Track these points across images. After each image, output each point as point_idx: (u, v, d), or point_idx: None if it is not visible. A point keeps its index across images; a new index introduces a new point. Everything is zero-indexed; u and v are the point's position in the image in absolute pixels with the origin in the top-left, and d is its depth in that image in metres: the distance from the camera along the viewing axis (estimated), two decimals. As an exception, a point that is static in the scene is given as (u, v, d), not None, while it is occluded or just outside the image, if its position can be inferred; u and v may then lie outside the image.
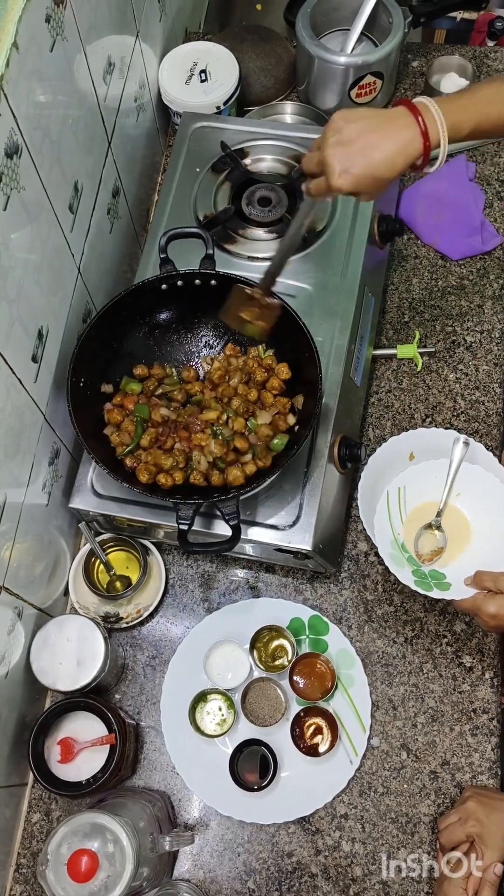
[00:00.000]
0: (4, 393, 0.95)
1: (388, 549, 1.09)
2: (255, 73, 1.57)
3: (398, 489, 1.13)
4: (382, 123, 0.86)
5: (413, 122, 0.85)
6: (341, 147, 0.86)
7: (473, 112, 0.88)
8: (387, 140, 0.85)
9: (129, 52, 1.31)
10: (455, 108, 0.87)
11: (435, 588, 1.06)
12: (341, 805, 1.14)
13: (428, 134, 0.85)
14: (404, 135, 0.85)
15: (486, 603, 0.99)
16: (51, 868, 0.91)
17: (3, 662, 1.03)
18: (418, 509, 1.13)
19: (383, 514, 1.11)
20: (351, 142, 0.85)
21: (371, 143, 0.85)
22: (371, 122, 0.86)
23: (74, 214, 1.13)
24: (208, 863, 1.13)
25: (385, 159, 0.85)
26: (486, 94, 0.89)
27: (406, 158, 0.86)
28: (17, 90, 0.88)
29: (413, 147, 0.85)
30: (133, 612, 1.24)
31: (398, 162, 0.85)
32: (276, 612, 1.22)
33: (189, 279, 1.17)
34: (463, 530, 1.12)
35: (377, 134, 0.85)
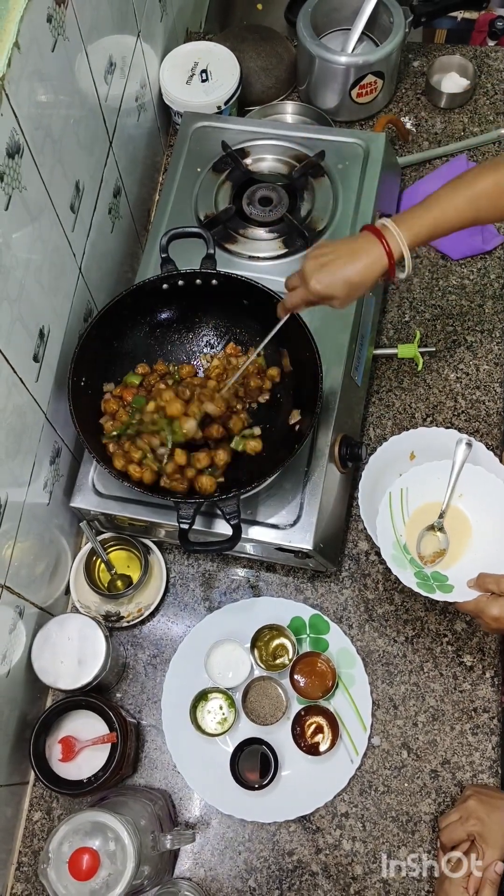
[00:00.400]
0: (6, 392, 0.95)
1: (390, 550, 1.09)
2: (256, 72, 1.57)
3: (400, 490, 1.13)
4: (353, 242, 1.00)
5: (377, 242, 0.98)
6: (318, 258, 0.99)
7: (429, 219, 1.00)
8: (359, 254, 0.98)
9: (130, 52, 1.31)
10: (412, 221, 0.99)
11: (437, 590, 1.06)
12: (342, 804, 1.14)
13: (391, 251, 0.98)
14: (373, 252, 0.98)
15: (490, 605, 0.99)
16: (52, 866, 0.91)
17: (4, 661, 1.04)
18: (421, 510, 1.13)
19: (385, 515, 1.11)
20: (326, 254, 0.99)
21: (344, 255, 0.99)
22: (344, 247, 1.00)
23: (76, 214, 1.13)
24: (209, 861, 1.13)
25: (356, 271, 0.98)
26: (440, 197, 1.01)
27: (374, 272, 0.98)
28: (19, 90, 0.88)
29: (380, 263, 0.98)
30: (134, 611, 1.24)
31: (368, 275, 0.98)
32: (277, 611, 1.22)
33: (190, 279, 1.17)
34: (465, 531, 1.12)
35: (349, 248, 0.99)
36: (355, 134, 1.38)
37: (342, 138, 1.38)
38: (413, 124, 1.60)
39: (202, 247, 1.18)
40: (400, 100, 1.62)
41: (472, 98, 1.60)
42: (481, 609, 1.00)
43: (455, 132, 1.58)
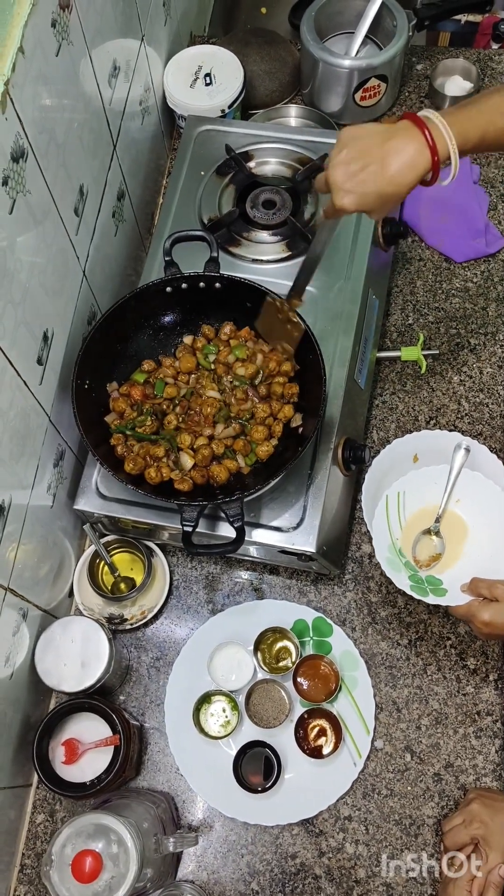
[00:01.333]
0: (10, 395, 0.95)
1: (385, 553, 1.09)
2: (260, 76, 1.57)
3: (398, 494, 1.13)
4: (388, 138, 0.84)
5: (419, 134, 0.83)
6: (345, 165, 0.84)
7: (480, 121, 0.86)
8: (393, 156, 0.83)
9: (134, 56, 1.32)
10: (460, 119, 0.85)
11: (431, 594, 1.06)
12: (345, 807, 1.14)
13: (436, 146, 0.83)
14: (411, 149, 0.83)
15: (481, 610, 0.99)
16: (55, 869, 0.91)
17: (8, 663, 1.04)
18: (417, 514, 1.14)
19: (382, 519, 1.11)
20: (355, 159, 0.84)
21: (376, 159, 0.83)
22: (376, 137, 0.85)
23: (80, 218, 1.13)
24: (212, 864, 1.13)
25: (391, 176, 0.83)
26: (491, 102, 0.87)
27: (415, 173, 0.84)
28: (24, 94, 0.88)
29: (421, 160, 0.83)
30: (137, 614, 1.24)
31: (407, 177, 0.83)
32: (280, 614, 1.22)
33: (194, 282, 1.17)
34: (461, 537, 1.12)
35: (382, 149, 0.83)
36: (359, 137, 1.38)
37: (346, 141, 1.38)
38: (416, 127, 1.59)
39: (206, 250, 1.19)
40: (403, 103, 1.62)
41: (475, 101, 1.60)
42: (473, 613, 1.00)
43: (458, 135, 1.58)
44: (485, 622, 0.99)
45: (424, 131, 0.83)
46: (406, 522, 1.13)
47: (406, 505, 1.13)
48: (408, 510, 1.13)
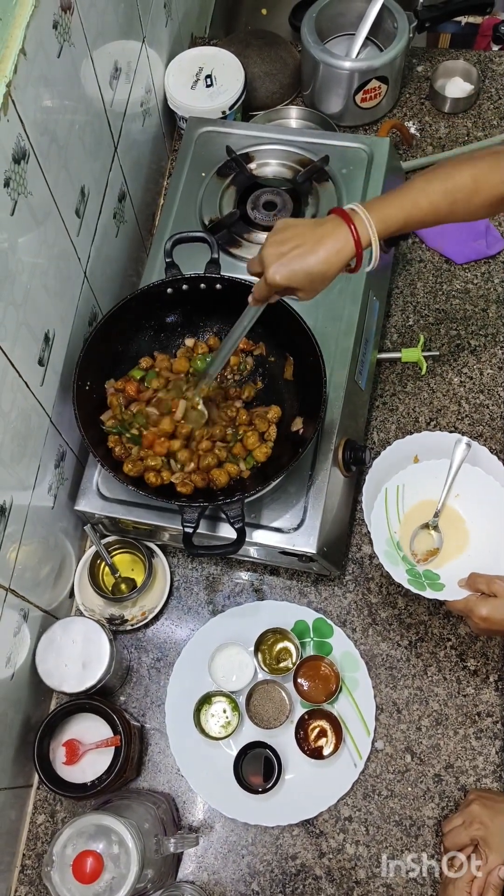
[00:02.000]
0: (11, 397, 0.95)
1: (383, 546, 1.08)
2: (261, 77, 1.58)
3: (397, 487, 1.13)
4: (318, 226, 0.92)
5: (345, 227, 0.91)
6: (278, 245, 0.92)
7: (404, 206, 0.93)
8: (321, 241, 0.91)
9: (135, 58, 1.32)
10: (384, 207, 0.93)
11: (428, 588, 1.06)
12: (345, 808, 1.14)
13: (359, 236, 0.91)
14: (337, 238, 0.91)
15: (479, 605, 0.99)
16: (56, 869, 0.92)
17: (9, 664, 1.04)
18: (416, 508, 1.14)
19: (381, 512, 1.11)
20: (287, 241, 0.91)
21: (307, 242, 0.91)
22: (308, 226, 0.93)
23: (81, 219, 1.13)
24: (212, 865, 1.13)
25: (319, 258, 0.90)
26: (415, 187, 0.95)
27: (341, 257, 0.91)
28: (25, 96, 0.88)
29: (346, 251, 0.91)
30: (138, 615, 1.24)
31: (333, 260, 0.91)
32: (281, 615, 1.22)
33: (194, 283, 1.17)
34: (460, 532, 1.12)
35: (313, 234, 0.92)
36: (359, 139, 1.39)
37: (346, 143, 1.38)
38: (417, 129, 1.60)
39: (206, 251, 1.19)
40: (404, 104, 1.62)
41: (475, 103, 1.61)
42: (470, 608, 1.00)
43: (459, 137, 1.58)
44: (482, 617, 0.99)
45: (350, 225, 0.91)
46: (404, 516, 1.13)
47: (405, 498, 1.13)
48: (406, 504, 1.13)
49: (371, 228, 0.91)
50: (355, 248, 0.91)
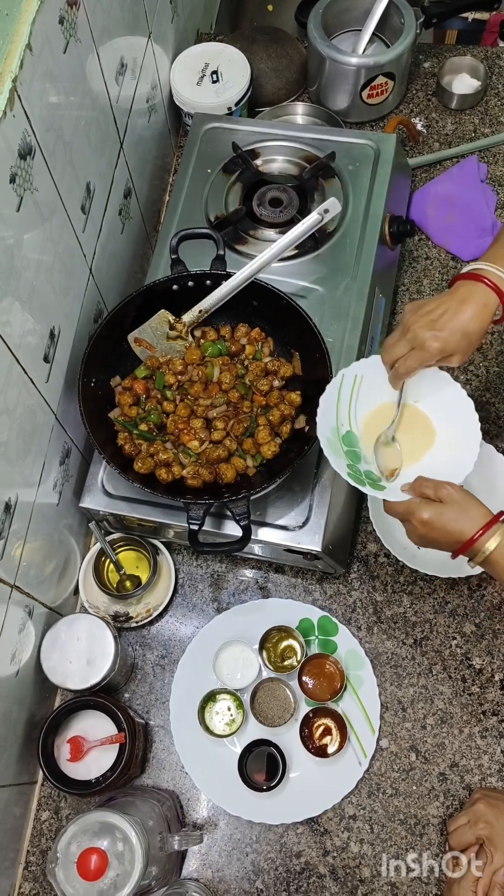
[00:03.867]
0: (17, 393, 0.95)
1: (326, 432, 1.01)
2: (267, 73, 1.57)
3: (355, 377, 1.05)
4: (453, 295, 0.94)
5: (479, 284, 0.93)
6: (424, 317, 0.93)
7: None
8: (465, 304, 0.93)
9: (141, 53, 1.32)
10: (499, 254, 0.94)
11: (368, 485, 0.99)
12: (350, 806, 1.14)
13: (499, 289, 0.92)
14: (479, 295, 0.93)
15: (421, 508, 0.94)
16: (60, 866, 0.92)
17: (14, 661, 1.04)
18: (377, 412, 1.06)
19: (332, 397, 1.03)
20: (434, 315, 0.93)
21: (454, 311, 0.93)
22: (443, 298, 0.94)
23: (86, 215, 1.13)
24: (216, 862, 1.13)
25: (471, 317, 0.92)
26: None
27: (489, 312, 0.93)
28: (31, 91, 0.88)
29: (491, 302, 0.92)
30: (143, 612, 1.24)
31: (484, 317, 0.92)
32: (286, 613, 1.22)
33: (200, 280, 1.17)
34: (426, 435, 1.05)
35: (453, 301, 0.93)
36: (366, 135, 1.38)
37: (353, 139, 1.37)
38: (424, 125, 1.59)
39: (212, 248, 1.18)
40: (410, 101, 1.62)
41: (483, 99, 1.60)
42: (412, 511, 0.95)
43: (466, 133, 1.58)
44: (423, 521, 0.93)
45: (484, 281, 0.92)
46: (365, 420, 1.05)
47: (361, 393, 1.05)
48: (362, 400, 1.05)
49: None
50: (499, 300, 0.93)
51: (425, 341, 0.92)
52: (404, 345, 0.95)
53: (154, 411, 1.14)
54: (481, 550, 0.91)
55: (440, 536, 0.94)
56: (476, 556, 0.92)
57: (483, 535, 0.91)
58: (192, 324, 1.16)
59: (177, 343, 1.17)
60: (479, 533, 0.91)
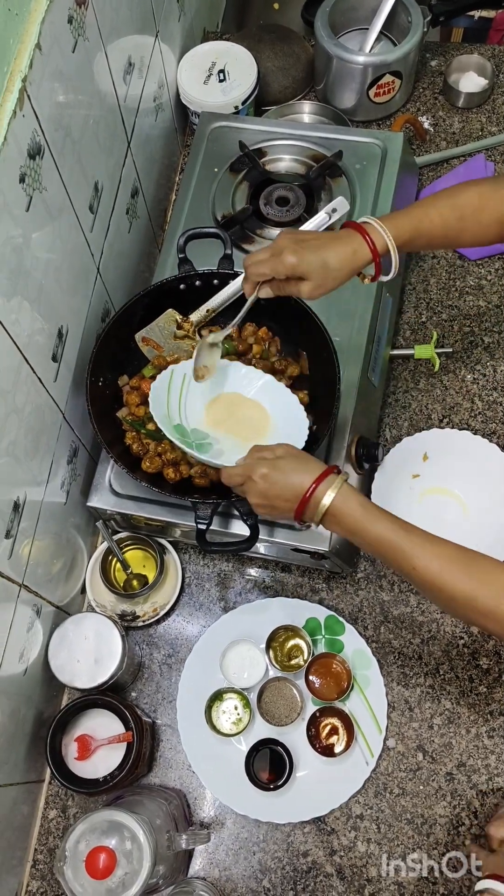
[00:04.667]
0: (25, 392, 0.95)
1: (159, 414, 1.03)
2: (274, 72, 1.57)
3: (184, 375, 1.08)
4: (334, 236, 0.96)
5: (357, 235, 0.94)
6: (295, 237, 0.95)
7: (412, 220, 0.96)
8: (338, 242, 0.94)
9: (148, 52, 1.32)
10: (394, 218, 0.96)
11: (196, 448, 1.01)
12: (357, 805, 1.14)
13: (375, 246, 0.94)
14: (353, 242, 0.94)
15: (260, 463, 0.91)
16: (69, 865, 0.92)
17: (22, 660, 1.04)
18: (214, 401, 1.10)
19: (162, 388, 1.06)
20: (305, 238, 0.94)
21: (324, 242, 0.94)
22: (324, 235, 0.97)
23: (94, 214, 1.13)
24: (223, 861, 1.13)
25: (336, 255, 0.93)
26: (423, 203, 0.98)
27: (356, 260, 0.94)
28: (40, 91, 0.88)
29: (362, 252, 0.94)
30: (149, 611, 1.24)
31: (347, 263, 0.93)
32: (292, 612, 1.22)
33: (207, 279, 1.17)
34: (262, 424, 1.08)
35: (328, 238, 0.96)
36: (373, 134, 1.38)
37: (360, 138, 1.37)
38: (431, 124, 1.59)
39: (218, 247, 1.18)
40: (417, 99, 1.61)
41: (490, 97, 1.60)
42: (251, 467, 0.92)
43: (473, 132, 1.57)
44: (263, 474, 0.90)
45: (365, 236, 0.94)
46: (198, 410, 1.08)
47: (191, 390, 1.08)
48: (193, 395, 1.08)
49: (387, 235, 0.94)
50: (372, 256, 0.94)
51: (283, 251, 0.92)
52: (266, 253, 0.95)
53: None
54: (320, 504, 0.88)
55: (281, 490, 0.90)
56: (317, 512, 0.89)
57: (320, 484, 0.88)
58: (199, 323, 1.16)
59: (184, 342, 1.17)
60: (314, 484, 0.88)
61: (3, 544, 0.95)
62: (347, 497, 0.88)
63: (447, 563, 0.84)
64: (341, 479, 0.89)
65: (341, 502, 0.88)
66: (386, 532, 0.86)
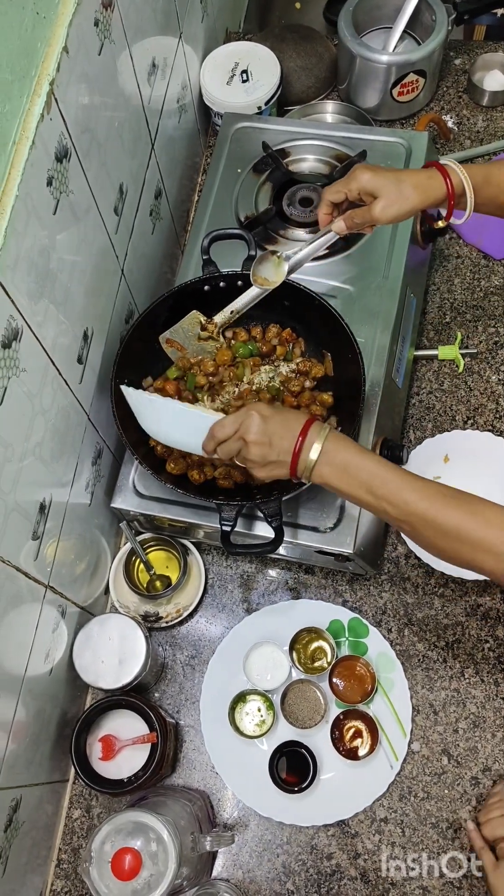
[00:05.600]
0: (51, 394, 0.96)
1: None
2: (296, 72, 1.56)
3: None
4: (412, 170, 0.99)
5: (437, 174, 0.96)
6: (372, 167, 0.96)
7: (484, 167, 0.99)
8: (416, 175, 0.97)
9: (172, 54, 1.32)
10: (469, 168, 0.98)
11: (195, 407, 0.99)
12: (381, 809, 1.13)
13: (453, 186, 0.95)
14: (429, 172, 0.97)
15: (257, 405, 0.91)
16: (94, 865, 0.92)
17: (47, 660, 1.05)
18: None
19: None
20: (383, 168, 0.97)
21: (400, 171, 0.97)
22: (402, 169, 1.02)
23: (119, 216, 1.13)
24: (247, 863, 1.13)
25: (412, 182, 0.95)
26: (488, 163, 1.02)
27: (432, 186, 0.95)
28: (67, 94, 0.88)
29: (437, 183, 0.95)
30: (173, 612, 1.24)
31: (424, 186, 0.95)
32: (316, 614, 1.22)
33: (232, 280, 1.17)
34: None
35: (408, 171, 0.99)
36: (397, 133, 1.37)
37: (383, 137, 1.36)
38: (455, 123, 1.58)
39: (241, 248, 1.18)
40: (441, 98, 1.60)
41: (514, 96, 1.58)
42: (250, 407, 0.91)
43: (497, 130, 1.56)
44: (261, 410, 0.90)
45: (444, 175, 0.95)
46: None
47: None
48: None
49: (462, 172, 0.95)
50: (448, 196, 0.95)
51: (357, 169, 0.94)
52: (342, 180, 0.98)
53: None
54: (319, 434, 0.89)
55: (279, 425, 0.89)
56: (313, 448, 0.88)
57: (314, 423, 0.90)
58: (223, 324, 1.16)
59: (208, 344, 1.17)
60: (310, 420, 0.90)
61: (30, 546, 0.95)
62: (339, 436, 0.91)
63: (439, 496, 0.85)
64: (329, 425, 0.93)
65: (335, 437, 0.90)
66: (379, 467, 0.88)
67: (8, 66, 0.77)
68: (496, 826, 1.03)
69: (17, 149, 0.81)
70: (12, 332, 0.82)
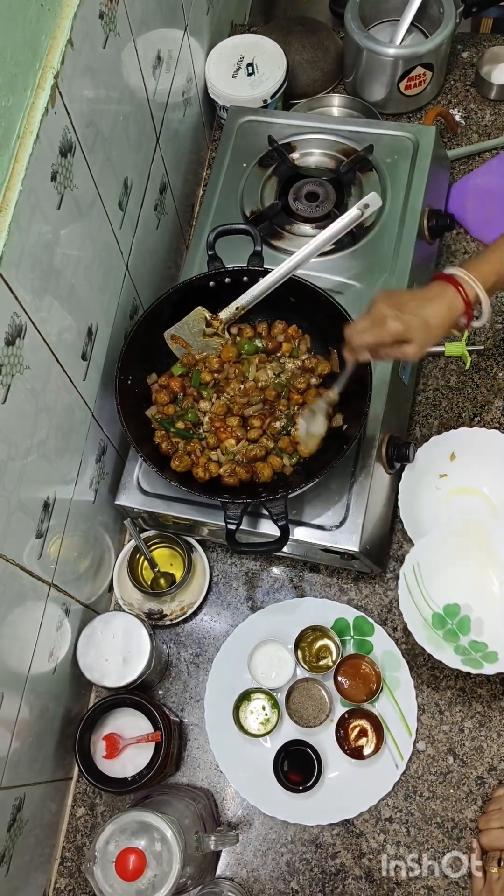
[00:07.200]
0: (55, 391, 0.95)
1: (422, 632, 1.07)
2: (302, 65, 1.55)
3: (412, 567, 1.11)
4: (426, 293, 0.97)
5: (450, 287, 0.95)
6: (392, 302, 0.94)
7: (494, 263, 0.98)
8: (433, 300, 0.95)
9: (177, 46, 1.30)
10: (479, 265, 0.98)
11: (484, 662, 1.06)
12: (386, 808, 1.13)
13: (467, 296, 0.95)
14: (446, 296, 0.95)
15: None
16: (98, 865, 0.92)
17: (51, 658, 1.04)
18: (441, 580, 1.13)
19: (406, 599, 1.09)
20: (401, 301, 0.95)
21: (420, 303, 0.95)
22: (415, 293, 0.99)
23: (124, 211, 1.12)
24: (251, 862, 1.12)
25: (434, 313, 0.94)
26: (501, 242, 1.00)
27: (452, 314, 0.95)
28: (72, 87, 0.87)
29: (456, 305, 0.95)
30: (177, 610, 1.24)
31: (446, 318, 0.94)
32: (321, 612, 1.21)
33: (237, 276, 1.16)
34: None
35: (423, 296, 0.96)
36: (404, 127, 1.36)
37: (390, 131, 1.35)
38: (462, 116, 1.56)
39: (246, 243, 1.17)
40: (449, 91, 1.59)
41: (523, 89, 1.56)
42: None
43: (505, 124, 1.55)
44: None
45: (457, 287, 0.95)
46: (428, 591, 1.12)
47: (423, 575, 1.12)
48: (426, 580, 1.12)
49: (476, 285, 0.95)
50: (465, 307, 0.95)
51: (386, 318, 0.92)
52: (367, 322, 0.95)
53: (191, 409, 1.13)
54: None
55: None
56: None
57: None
58: (228, 321, 1.15)
59: (213, 340, 1.16)
60: None
61: (33, 544, 0.95)
62: None
63: None
64: None
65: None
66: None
67: (12, 59, 0.76)
68: (494, 838, 1.03)
69: (21, 143, 0.80)
70: (16, 328, 0.81)
